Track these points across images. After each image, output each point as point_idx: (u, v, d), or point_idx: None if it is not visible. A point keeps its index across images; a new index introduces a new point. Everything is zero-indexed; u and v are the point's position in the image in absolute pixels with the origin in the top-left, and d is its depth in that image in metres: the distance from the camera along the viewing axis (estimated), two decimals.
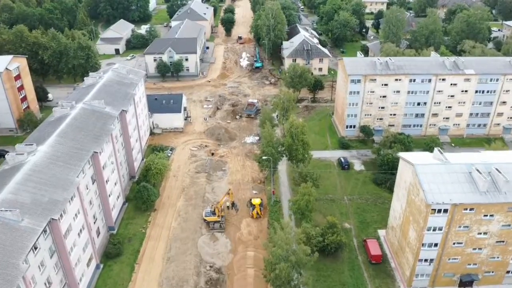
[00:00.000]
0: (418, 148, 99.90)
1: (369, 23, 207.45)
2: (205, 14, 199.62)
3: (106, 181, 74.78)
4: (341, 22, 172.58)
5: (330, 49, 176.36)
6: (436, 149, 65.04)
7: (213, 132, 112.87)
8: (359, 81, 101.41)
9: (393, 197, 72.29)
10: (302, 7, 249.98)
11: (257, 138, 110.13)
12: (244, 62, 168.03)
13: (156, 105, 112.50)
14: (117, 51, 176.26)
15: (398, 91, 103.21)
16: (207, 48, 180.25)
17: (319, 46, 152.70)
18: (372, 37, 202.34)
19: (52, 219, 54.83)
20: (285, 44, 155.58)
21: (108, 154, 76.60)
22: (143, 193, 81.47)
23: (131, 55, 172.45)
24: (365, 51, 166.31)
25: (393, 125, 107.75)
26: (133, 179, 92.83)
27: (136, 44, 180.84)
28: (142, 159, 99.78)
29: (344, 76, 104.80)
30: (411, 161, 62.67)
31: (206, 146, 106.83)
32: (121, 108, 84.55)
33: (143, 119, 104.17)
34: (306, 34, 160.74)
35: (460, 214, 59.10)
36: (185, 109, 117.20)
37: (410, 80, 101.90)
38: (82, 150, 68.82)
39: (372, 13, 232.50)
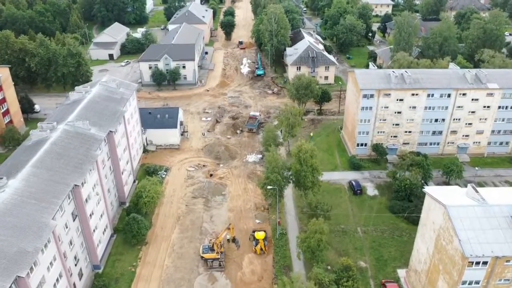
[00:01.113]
0: (436, 168, 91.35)
1: (374, 26, 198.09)
2: (203, 17, 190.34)
3: (90, 215, 65.88)
4: (347, 26, 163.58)
5: (335, 54, 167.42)
6: (469, 186, 56.13)
7: (212, 150, 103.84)
8: (372, 96, 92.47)
9: (417, 235, 63.41)
10: (305, 9, 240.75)
11: (259, 156, 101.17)
12: (245, 69, 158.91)
13: (150, 120, 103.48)
14: (111, 56, 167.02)
15: (414, 107, 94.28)
16: (206, 53, 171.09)
17: (325, 53, 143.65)
18: (378, 42, 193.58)
19: (19, 276, 45.86)
20: (289, 50, 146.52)
21: (93, 184, 67.62)
22: (132, 226, 72.49)
23: (126, 61, 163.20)
24: (373, 58, 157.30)
25: (408, 143, 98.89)
26: (124, 205, 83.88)
27: (131, 49, 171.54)
28: (134, 181, 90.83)
29: (355, 90, 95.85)
30: (443, 201, 53.74)
31: (204, 166, 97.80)
32: (108, 129, 75.50)
33: (135, 137, 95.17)
34: (310, 40, 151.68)
35: (502, 266, 50.28)
36: (181, 123, 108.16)
37: (428, 95, 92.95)
38: (61, 184, 59.81)
39: (377, 15, 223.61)
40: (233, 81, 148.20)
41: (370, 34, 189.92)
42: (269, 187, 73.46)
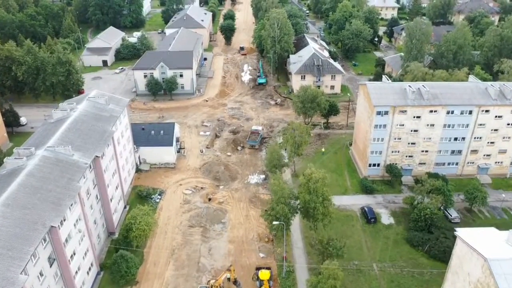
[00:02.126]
0: (455, 191, 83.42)
1: (380, 30, 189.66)
2: (202, 21, 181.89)
3: (71, 257, 57.70)
4: (353, 31, 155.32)
5: (340, 61, 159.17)
6: (510, 232, 47.94)
7: (210, 169, 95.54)
8: (386, 113, 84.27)
9: (446, 283, 55.18)
10: (308, 12, 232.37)
11: (262, 177, 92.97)
12: (246, 77, 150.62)
13: (143, 136, 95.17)
14: (104, 62, 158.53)
15: (432, 125, 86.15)
16: (205, 59, 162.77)
17: (331, 60, 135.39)
18: (385, 47, 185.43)
19: None
20: (292, 58, 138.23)
21: (75, 220, 59.38)
22: (120, 265, 64.27)
23: (120, 67, 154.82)
24: (381, 66, 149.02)
25: (424, 164, 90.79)
26: (113, 235, 75.65)
27: (126, 55, 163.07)
28: (125, 207, 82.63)
29: (367, 106, 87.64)
30: (482, 253, 45.52)
31: (202, 188, 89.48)
32: (94, 154, 67.26)
33: (127, 157, 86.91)
34: (315, 46, 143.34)
35: None
36: (177, 140, 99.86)
37: (448, 112, 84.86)
38: (36, 224, 51.56)
39: (382, 18, 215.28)
40: (234, 90, 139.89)
41: (376, 39, 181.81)
42: (275, 222, 65.21)
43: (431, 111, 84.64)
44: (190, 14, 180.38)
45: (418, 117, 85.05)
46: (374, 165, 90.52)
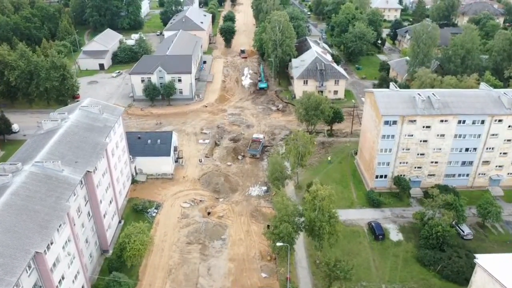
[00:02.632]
0: (467, 204, 79.36)
1: (383, 32, 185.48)
2: (202, 23, 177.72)
3: (59, 282, 53.51)
4: (356, 34, 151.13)
5: (343, 65, 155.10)
6: None
7: (210, 180, 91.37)
8: (395, 122, 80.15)
9: None
10: (309, 13, 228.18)
11: (264, 189, 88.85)
12: (247, 81, 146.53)
13: (139, 146, 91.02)
14: (101, 66, 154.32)
15: (442, 135, 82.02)
16: (204, 62, 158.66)
17: (334, 64, 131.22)
18: (388, 50, 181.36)
19: None
20: (294, 62, 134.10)
21: (63, 243, 55.20)
22: None
23: (117, 71, 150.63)
24: (386, 70, 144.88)
25: (433, 175, 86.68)
26: (106, 254, 71.51)
27: (124, 58, 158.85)
28: (120, 222, 78.47)
29: (374, 115, 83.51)
30: (506, 285, 41.43)
31: (201, 201, 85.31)
32: (85, 169, 63.12)
33: (122, 169, 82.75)
34: (318, 50, 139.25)
35: None
36: (175, 149, 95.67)
37: (459, 122, 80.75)
38: (19, 250, 47.44)
39: (385, 20, 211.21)
40: (234, 95, 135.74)
41: (379, 42, 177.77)
42: (278, 243, 61.08)
43: (441, 121, 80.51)
44: (189, 16, 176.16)
45: (428, 127, 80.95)
46: (381, 176, 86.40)
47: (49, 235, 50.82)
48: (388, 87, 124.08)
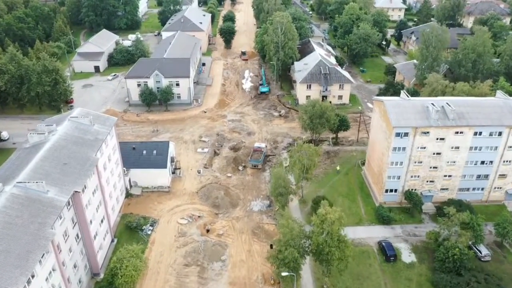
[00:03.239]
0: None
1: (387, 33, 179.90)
2: (201, 23, 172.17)
3: None
4: (361, 36, 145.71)
5: (347, 67, 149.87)
6: None
7: (209, 194, 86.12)
8: (406, 134, 74.95)
9: None
10: (311, 13, 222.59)
11: (266, 203, 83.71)
12: (247, 84, 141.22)
13: (134, 157, 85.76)
14: (96, 68, 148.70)
15: (457, 147, 76.82)
16: (203, 65, 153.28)
17: (338, 68, 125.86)
18: (393, 51, 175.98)
19: None
20: (297, 65, 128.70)
21: (46, 275, 50.04)
22: None
23: (113, 74, 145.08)
24: (391, 73, 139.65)
25: (446, 189, 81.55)
26: (97, 277, 66.37)
27: (120, 60, 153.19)
28: (112, 240, 73.32)
29: (384, 126, 78.29)
30: None
31: (199, 216, 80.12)
32: (72, 189, 57.93)
33: (115, 183, 77.54)
34: (321, 52, 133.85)
35: None
36: (172, 160, 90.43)
37: (475, 133, 75.59)
38: None
39: (389, 20, 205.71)
40: (234, 99, 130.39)
41: (384, 43, 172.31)
42: (283, 273, 55.99)
43: (456, 133, 75.34)
44: (188, 16, 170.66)
45: (442, 139, 75.74)
46: (391, 190, 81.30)
47: (30, 268, 45.70)
48: (395, 91, 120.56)
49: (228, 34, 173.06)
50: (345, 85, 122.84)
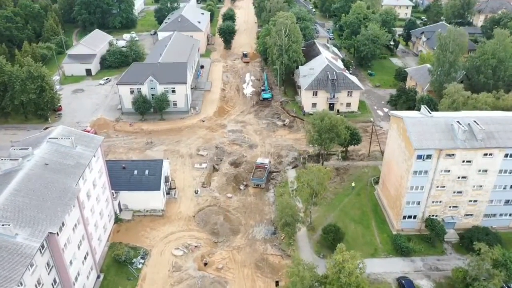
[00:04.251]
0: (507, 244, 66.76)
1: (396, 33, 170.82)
2: (199, 22, 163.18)
3: None
4: (369, 37, 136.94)
5: (354, 70, 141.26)
6: None
7: (207, 219, 77.75)
8: (429, 157, 66.62)
9: None
10: (314, 10, 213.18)
11: (271, 229, 75.48)
12: (248, 89, 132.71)
13: (124, 177, 77.28)
14: (88, 72, 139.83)
15: (485, 170, 68.52)
16: (202, 67, 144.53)
17: (347, 73, 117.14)
18: (401, 52, 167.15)
19: None
20: (302, 70, 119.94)
21: None
22: None
23: (106, 78, 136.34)
24: (402, 78, 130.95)
25: (471, 215, 73.31)
26: None
27: (113, 62, 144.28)
28: (98, 277, 65.11)
29: (404, 146, 69.89)
30: None
31: (196, 246, 71.87)
32: (47, 230, 49.62)
33: (102, 209, 69.28)
34: (328, 56, 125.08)
35: None
36: (166, 179, 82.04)
37: (506, 155, 67.27)
38: None
39: (397, 19, 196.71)
40: (234, 106, 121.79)
41: (392, 43, 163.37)
42: None
43: (485, 155, 67.02)
44: (185, 15, 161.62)
45: (469, 161, 67.41)
46: (409, 217, 73.10)
47: None
48: (408, 99, 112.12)
49: (228, 34, 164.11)
50: (354, 92, 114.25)
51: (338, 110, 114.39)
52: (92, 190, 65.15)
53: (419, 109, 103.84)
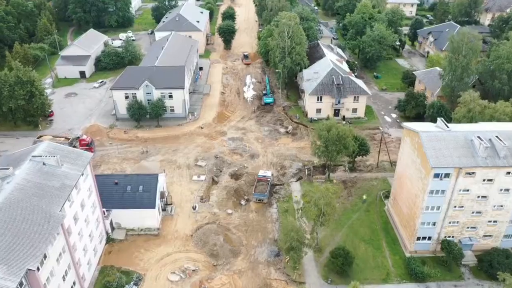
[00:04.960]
0: None
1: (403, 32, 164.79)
2: (198, 22, 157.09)
3: None
4: (375, 38, 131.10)
5: (359, 72, 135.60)
6: None
7: (205, 239, 72.32)
8: (447, 175, 61.24)
9: None
10: (317, 8, 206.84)
11: (274, 250, 70.12)
12: (249, 93, 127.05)
13: (116, 194, 71.87)
14: (82, 74, 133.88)
15: (507, 190, 63.19)
16: (201, 69, 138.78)
17: (353, 77, 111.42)
18: (407, 52, 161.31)
19: None
20: (306, 73, 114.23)
21: None
22: None
23: (100, 80, 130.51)
24: (409, 82, 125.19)
25: (490, 236, 68.04)
26: None
27: (108, 64, 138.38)
28: None
29: (419, 162, 64.43)
30: None
31: (193, 270, 66.56)
32: (25, 266, 44.28)
33: (91, 231, 63.93)
34: (332, 58, 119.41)
35: None
36: (162, 195, 76.58)
37: None
38: None
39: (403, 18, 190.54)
40: (234, 111, 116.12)
41: (398, 44, 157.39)
42: None
43: (508, 173, 61.63)
44: (184, 14, 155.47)
45: (490, 180, 62.06)
46: (423, 238, 67.81)
47: None
48: (417, 104, 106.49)
49: (227, 34, 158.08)
50: (360, 97, 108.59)
51: (343, 116, 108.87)
52: (80, 212, 59.78)
53: (429, 116, 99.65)
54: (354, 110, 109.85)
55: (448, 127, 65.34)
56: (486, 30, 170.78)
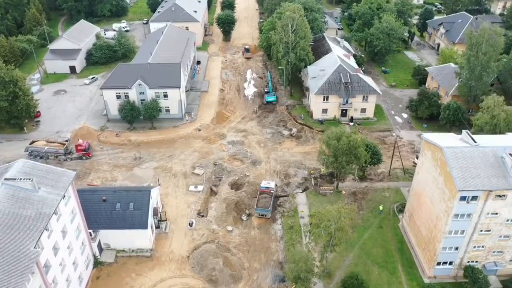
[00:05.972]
0: None
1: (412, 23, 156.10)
2: (195, 12, 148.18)
3: None
4: (383, 30, 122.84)
5: (367, 66, 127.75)
6: None
7: (203, 262, 65.60)
8: (474, 198, 54.39)
9: None
10: None
11: (279, 275, 63.63)
12: (250, 89, 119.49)
13: (104, 213, 64.97)
14: (72, 69, 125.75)
15: None
16: (198, 63, 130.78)
17: (361, 75, 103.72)
18: (416, 44, 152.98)
19: None
20: (311, 70, 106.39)
21: None
22: None
23: (91, 76, 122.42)
24: (421, 76, 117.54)
25: None
26: None
27: (100, 58, 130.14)
28: None
29: (442, 183, 57.43)
30: None
31: None
32: None
33: (75, 258, 57.27)
34: (339, 53, 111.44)
35: None
36: (155, 212, 69.70)
37: None
38: None
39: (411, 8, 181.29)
40: (235, 111, 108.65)
41: (408, 35, 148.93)
42: None
43: None
44: (180, 4, 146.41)
45: None
46: (444, 263, 61.35)
47: None
48: (430, 104, 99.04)
49: (227, 25, 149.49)
50: (369, 97, 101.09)
51: (351, 117, 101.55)
52: (61, 241, 53.03)
53: (444, 118, 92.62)
54: (363, 110, 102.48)
55: (474, 141, 58.12)
56: (498, 19, 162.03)
